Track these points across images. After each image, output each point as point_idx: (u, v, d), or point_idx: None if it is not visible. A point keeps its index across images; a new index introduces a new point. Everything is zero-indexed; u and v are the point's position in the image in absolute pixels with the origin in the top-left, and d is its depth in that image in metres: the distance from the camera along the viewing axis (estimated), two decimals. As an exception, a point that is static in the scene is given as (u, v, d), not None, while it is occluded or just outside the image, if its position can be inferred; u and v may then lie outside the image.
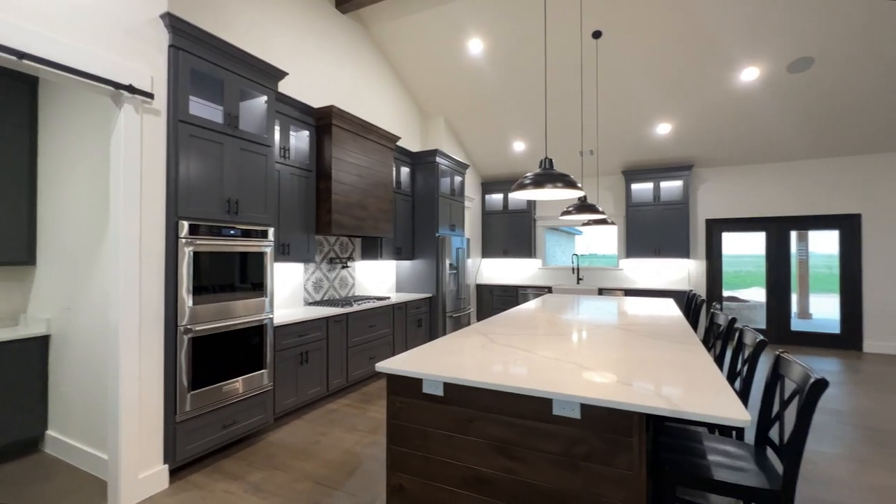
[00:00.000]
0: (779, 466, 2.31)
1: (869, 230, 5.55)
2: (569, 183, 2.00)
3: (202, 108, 3.00)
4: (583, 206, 3.28)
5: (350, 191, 3.99)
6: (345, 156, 3.94)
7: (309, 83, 4.22)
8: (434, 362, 1.81)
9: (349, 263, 4.69)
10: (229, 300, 2.69)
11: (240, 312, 2.76)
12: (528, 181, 2.07)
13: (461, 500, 1.60)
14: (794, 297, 8.51)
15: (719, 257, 6.37)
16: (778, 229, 6.09)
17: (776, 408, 2.34)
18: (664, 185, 6.40)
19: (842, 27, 3.96)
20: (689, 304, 4.03)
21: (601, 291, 6.41)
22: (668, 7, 4.09)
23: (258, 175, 2.93)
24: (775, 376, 1.61)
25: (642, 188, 6.56)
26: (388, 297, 4.66)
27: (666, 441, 1.75)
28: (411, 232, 5.32)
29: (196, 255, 2.50)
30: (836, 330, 5.74)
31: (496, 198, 7.60)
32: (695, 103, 5.18)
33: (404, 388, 1.74)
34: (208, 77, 2.73)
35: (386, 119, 5.44)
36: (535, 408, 1.49)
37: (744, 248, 6.96)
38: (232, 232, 2.72)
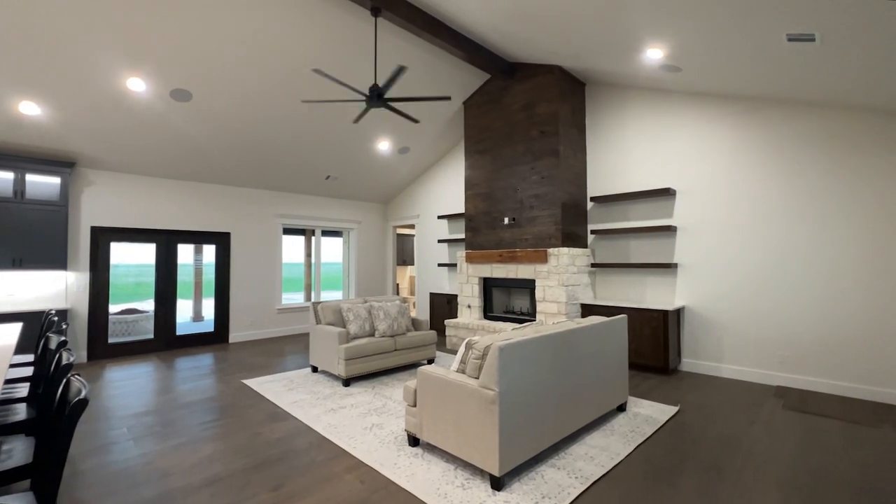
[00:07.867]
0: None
1: (235, 246, 7.09)
2: None
3: None
4: None
5: None
6: None
7: None
8: None
9: None
10: None
11: None
12: None
13: None
14: (190, 304, 9.40)
15: (107, 269, 5.89)
16: (168, 241, 6.47)
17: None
18: (34, 178, 5.14)
19: (215, 70, 4.74)
20: (42, 326, 3.35)
21: None
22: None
23: None
24: (62, 402, 1.52)
25: (-3, 177, 4.93)
26: None
27: None
28: None
29: None
30: (212, 328, 6.85)
31: None
32: (80, 91, 4.47)
33: None
34: None
35: None
36: None
37: (139, 257, 6.88)
38: None
